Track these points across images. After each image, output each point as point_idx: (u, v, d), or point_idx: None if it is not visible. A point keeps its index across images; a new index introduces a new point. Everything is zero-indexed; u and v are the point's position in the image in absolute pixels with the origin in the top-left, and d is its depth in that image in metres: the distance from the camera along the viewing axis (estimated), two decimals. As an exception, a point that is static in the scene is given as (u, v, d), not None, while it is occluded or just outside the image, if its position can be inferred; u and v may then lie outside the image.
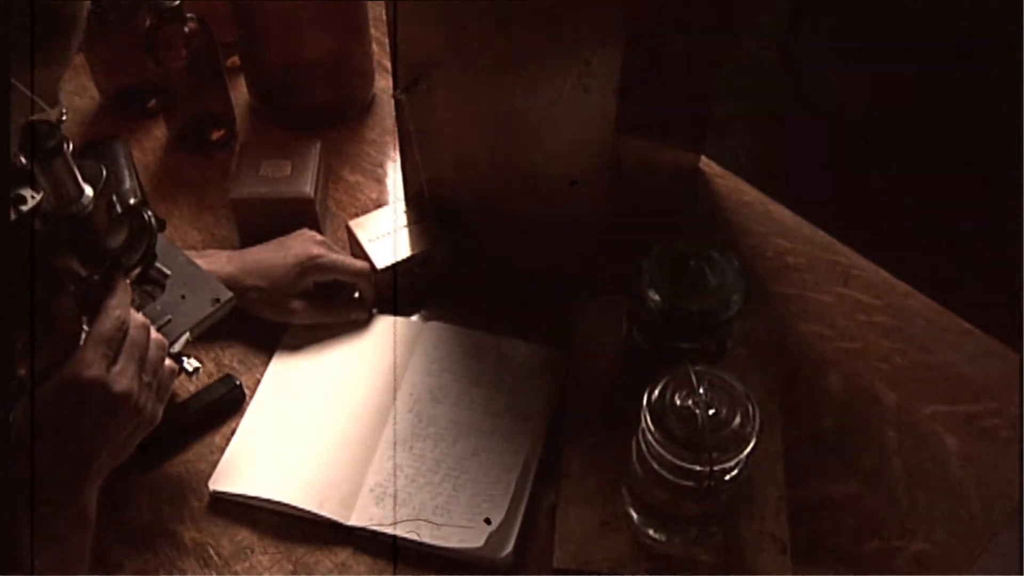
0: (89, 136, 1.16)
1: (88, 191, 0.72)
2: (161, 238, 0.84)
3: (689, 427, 0.72)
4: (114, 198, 0.76)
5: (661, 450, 0.73)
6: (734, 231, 1.04)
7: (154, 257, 0.81)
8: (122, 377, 0.73)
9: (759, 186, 1.08)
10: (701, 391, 0.73)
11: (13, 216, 0.73)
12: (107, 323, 0.74)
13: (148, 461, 0.88)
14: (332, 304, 0.97)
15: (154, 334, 0.79)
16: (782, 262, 1.01)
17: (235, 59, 1.21)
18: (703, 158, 1.12)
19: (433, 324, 0.97)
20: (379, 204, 1.10)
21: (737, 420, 0.72)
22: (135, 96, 1.19)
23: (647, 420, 0.73)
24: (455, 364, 0.93)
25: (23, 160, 0.71)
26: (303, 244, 0.97)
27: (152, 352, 0.77)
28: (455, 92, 0.91)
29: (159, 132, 1.17)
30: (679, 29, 0.88)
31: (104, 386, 0.72)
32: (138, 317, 0.78)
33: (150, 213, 0.81)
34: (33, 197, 0.73)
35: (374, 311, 0.99)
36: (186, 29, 1.06)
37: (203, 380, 0.93)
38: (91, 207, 0.73)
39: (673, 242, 0.84)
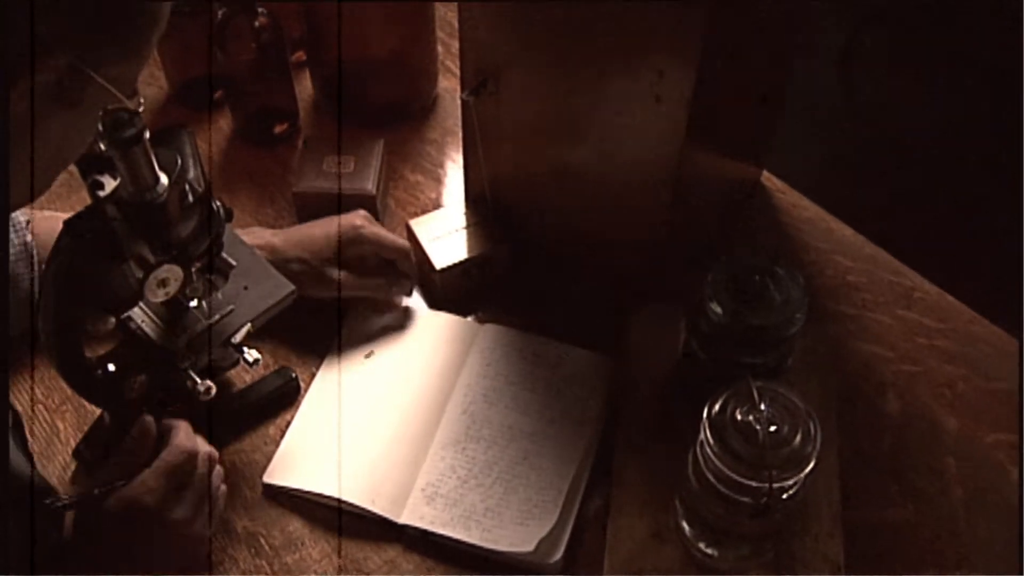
0: (156, 125, 1.17)
1: (163, 179, 0.73)
2: (226, 228, 0.85)
3: (749, 443, 0.71)
4: (186, 187, 0.77)
5: (719, 464, 0.72)
6: (794, 247, 1.03)
7: (221, 247, 0.82)
8: (179, 508, 0.76)
9: (821, 203, 1.07)
10: (763, 407, 0.73)
11: (90, 201, 0.75)
12: (174, 453, 0.77)
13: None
14: (374, 278, 0.96)
15: (217, 468, 0.82)
16: (842, 280, 1.00)
17: (300, 54, 1.22)
18: (765, 172, 1.11)
19: (489, 326, 0.97)
20: (438, 204, 1.10)
21: (798, 438, 0.71)
22: (202, 87, 1.20)
23: (707, 433, 0.73)
24: (510, 367, 0.93)
25: (102, 147, 0.73)
26: (348, 217, 0.96)
27: (215, 481, 0.81)
28: (522, 96, 0.91)
29: (224, 123, 1.18)
30: (751, 42, 0.88)
31: (160, 515, 0.75)
32: (206, 448, 0.81)
33: (219, 203, 0.82)
34: (110, 183, 0.75)
35: (413, 289, 0.99)
36: (256, 23, 1.07)
37: (259, 372, 0.93)
38: (165, 195, 0.73)
39: (738, 256, 0.83)
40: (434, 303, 1.00)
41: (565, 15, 0.81)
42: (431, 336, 0.97)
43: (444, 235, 1.00)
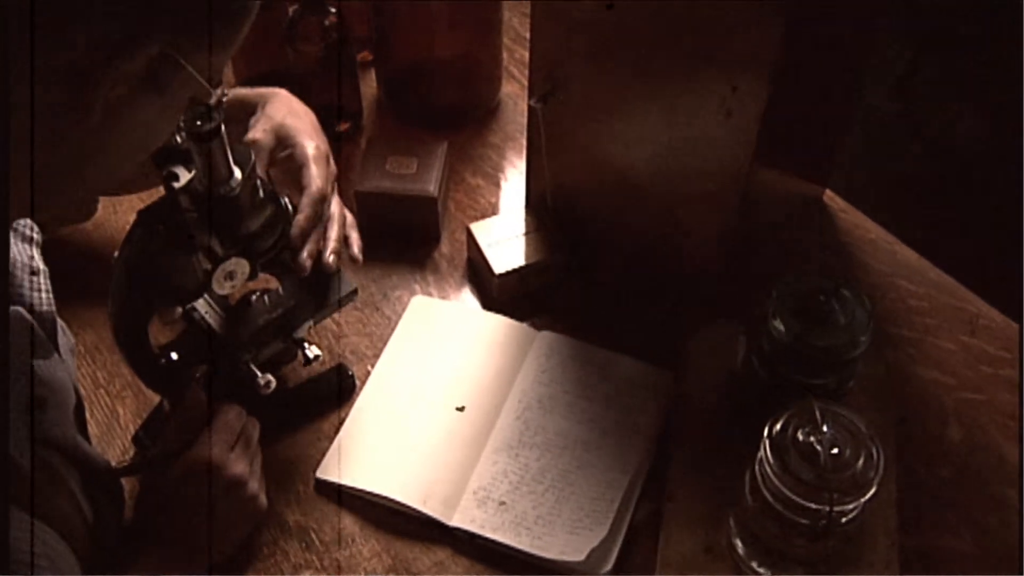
0: (222, 118, 1.19)
1: (237, 173, 0.74)
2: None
3: (811, 464, 0.71)
4: (258, 183, 0.78)
5: (779, 484, 0.71)
6: (855, 268, 1.02)
7: (286, 243, 0.83)
8: (238, 463, 0.79)
9: (884, 224, 1.06)
10: (825, 428, 0.72)
11: (164, 192, 0.76)
12: (230, 413, 0.81)
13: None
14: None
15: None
16: (904, 304, 0.98)
17: (366, 53, 1.23)
18: (827, 191, 1.10)
19: (546, 333, 0.97)
20: (497, 208, 1.10)
21: (860, 462, 0.70)
22: (269, 82, 1.21)
23: (767, 452, 0.72)
24: (566, 375, 0.93)
25: (179, 139, 0.74)
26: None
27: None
28: (590, 105, 0.91)
29: (288, 119, 1.19)
30: (823, 61, 0.87)
31: (223, 468, 0.78)
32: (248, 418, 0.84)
33: (286, 200, 0.82)
34: (185, 175, 0.76)
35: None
36: (326, 22, 1.08)
37: (316, 367, 0.94)
38: (238, 189, 0.74)
39: (803, 275, 0.83)
40: (490, 306, 1.00)
41: (640, 26, 0.81)
42: (487, 338, 0.97)
43: (504, 240, 1.00)
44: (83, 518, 0.67)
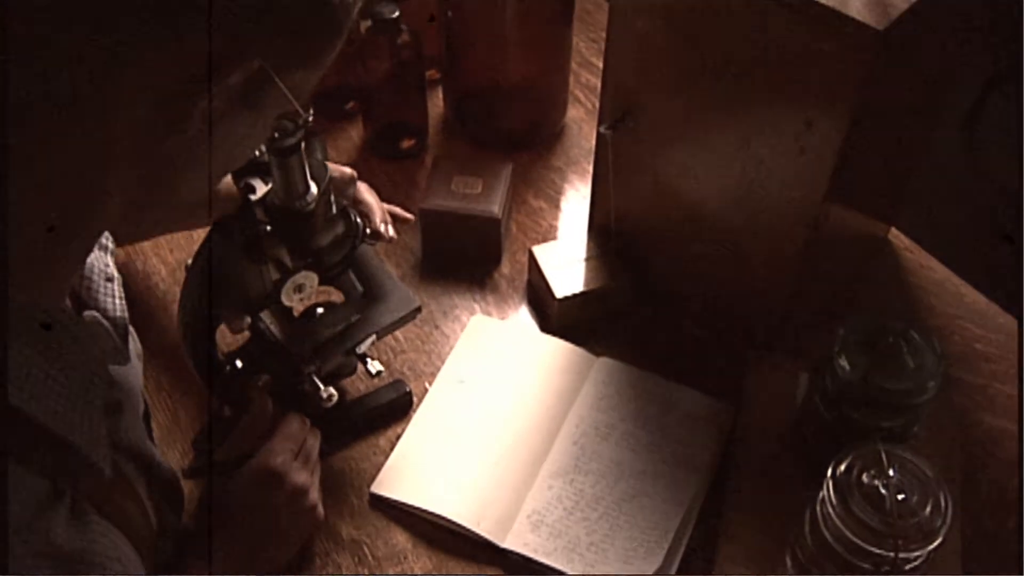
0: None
1: (313, 189, 0.75)
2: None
3: (876, 509, 0.70)
4: (331, 198, 0.79)
5: (841, 526, 0.70)
6: (920, 309, 1.01)
7: (355, 259, 0.84)
8: (301, 473, 0.80)
9: (951, 265, 1.05)
10: (891, 473, 0.71)
11: (241, 203, 0.77)
12: (295, 423, 0.83)
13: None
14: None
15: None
16: (970, 348, 0.97)
17: (433, 72, 1.24)
18: (893, 229, 1.09)
19: (606, 360, 0.96)
20: (557, 232, 1.11)
21: (928, 510, 0.69)
22: (336, 97, 1.23)
23: (830, 493, 0.71)
24: (624, 403, 0.93)
25: (257, 152, 0.75)
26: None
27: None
28: (661, 134, 0.91)
29: (354, 134, 1.21)
30: (900, 99, 0.86)
31: (287, 477, 0.79)
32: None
33: (356, 216, 0.83)
34: (261, 188, 0.77)
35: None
36: (398, 40, 1.09)
37: (374, 382, 0.95)
38: (313, 205, 0.75)
39: (871, 314, 0.82)
40: (549, 329, 1.00)
41: (717, 55, 0.81)
42: (546, 361, 0.97)
43: (565, 264, 1.00)
44: (148, 522, 0.68)
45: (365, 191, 1.00)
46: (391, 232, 0.97)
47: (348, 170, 0.95)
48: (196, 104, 0.52)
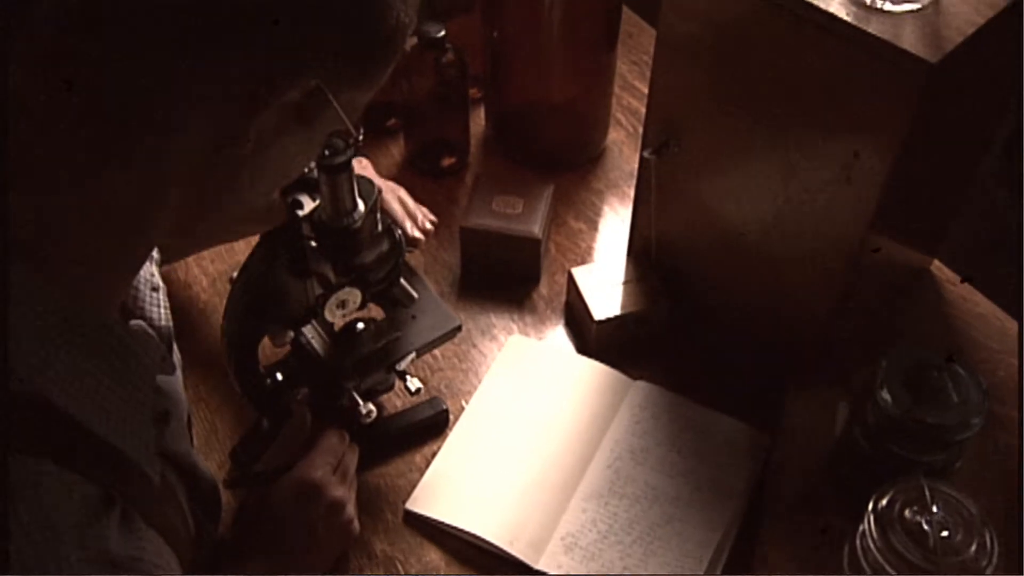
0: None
1: (361, 206, 0.76)
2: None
3: (918, 545, 0.69)
4: (378, 216, 0.79)
5: (882, 561, 0.70)
6: (963, 342, 1.00)
7: (398, 276, 0.84)
8: (339, 486, 0.81)
9: (994, 299, 1.04)
10: (935, 509, 0.70)
11: (288, 218, 0.78)
12: (334, 437, 0.83)
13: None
14: None
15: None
16: (1014, 383, 0.96)
17: (475, 91, 1.25)
18: (935, 261, 1.08)
19: (642, 383, 0.96)
20: (596, 253, 1.11)
21: (972, 549, 0.69)
22: (378, 113, 1.24)
23: (870, 527, 0.71)
24: (660, 428, 0.93)
25: (307, 169, 0.76)
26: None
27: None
28: (705, 160, 0.91)
29: (395, 150, 1.22)
30: (948, 131, 0.86)
31: (326, 489, 0.79)
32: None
33: (400, 233, 0.84)
34: (309, 204, 0.78)
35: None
36: (443, 59, 1.10)
37: (411, 399, 0.95)
38: (360, 222, 0.76)
39: (914, 347, 0.81)
40: (586, 351, 1.00)
41: (765, 82, 0.81)
42: (582, 383, 0.97)
43: (604, 287, 1.00)
44: (188, 531, 0.69)
45: (392, 199, 1.01)
46: (417, 233, 1.02)
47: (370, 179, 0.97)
48: (253, 122, 0.53)
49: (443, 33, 1.07)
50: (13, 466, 0.49)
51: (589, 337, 1.00)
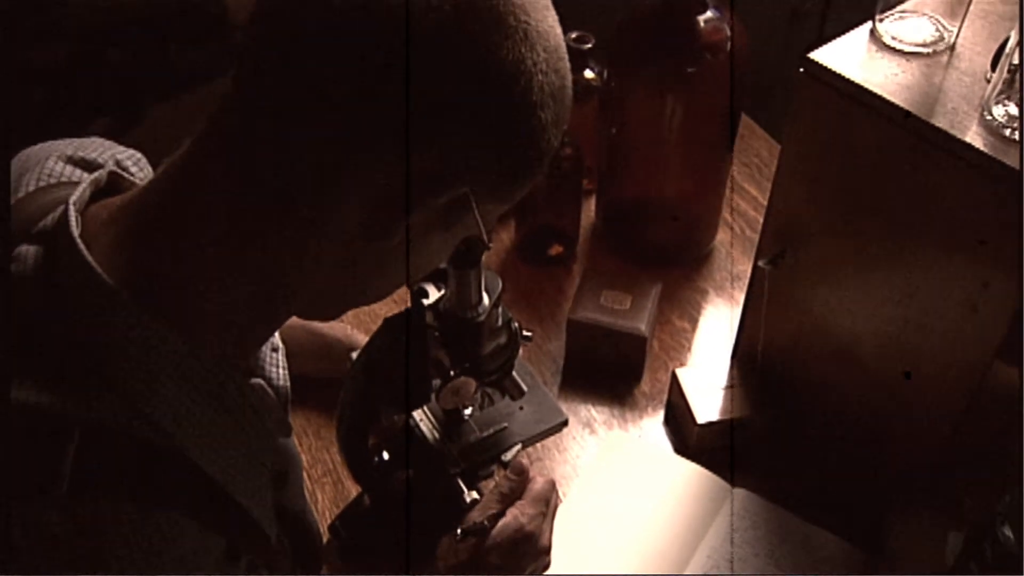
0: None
1: (486, 300, 0.78)
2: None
3: None
4: (500, 309, 0.81)
5: None
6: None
7: (512, 368, 0.86)
8: (548, 533, 0.83)
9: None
10: (1058, 660, 0.67)
11: (413, 306, 0.80)
12: (546, 484, 0.84)
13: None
14: None
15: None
16: None
17: (588, 182, 1.27)
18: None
19: (741, 492, 0.95)
20: (697, 354, 1.10)
21: None
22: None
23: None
24: (758, 539, 0.91)
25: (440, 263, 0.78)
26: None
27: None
28: (821, 274, 0.91)
29: (505, 236, 1.24)
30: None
31: (536, 541, 0.81)
32: None
33: (516, 325, 0.85)
34: (434, 293, 0.80)
35: None
36: (561, 151, 1.12)
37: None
38: (484, 316, 0.78)
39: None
40: (686, 454, 1.00)
41: (893, 197, 0.81)
42: (681, 485, 0.96)
43: (708, 389, 1.00)
44: None
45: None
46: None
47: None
48: (405, 220, 0.55)
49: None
50: (155, 521, 0.51)
51: (690, 440, 0.99)
